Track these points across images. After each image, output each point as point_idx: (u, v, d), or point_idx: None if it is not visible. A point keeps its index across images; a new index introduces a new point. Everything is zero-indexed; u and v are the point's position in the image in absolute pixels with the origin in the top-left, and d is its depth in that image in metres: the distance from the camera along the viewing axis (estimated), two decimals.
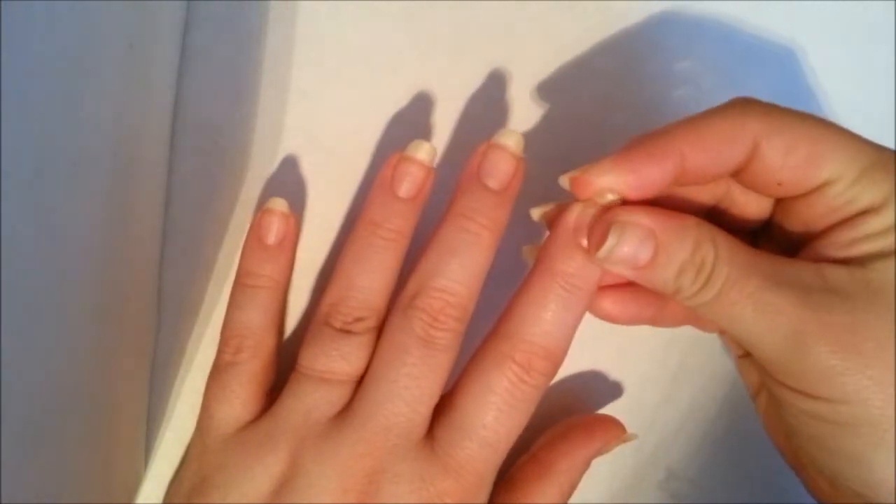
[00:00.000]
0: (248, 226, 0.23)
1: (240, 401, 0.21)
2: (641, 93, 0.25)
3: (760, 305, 0.17)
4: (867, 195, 0.17)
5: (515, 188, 0.21)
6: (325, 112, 0.24)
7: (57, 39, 0.14)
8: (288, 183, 0.24)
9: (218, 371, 0.21)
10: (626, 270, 0.18)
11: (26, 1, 0.13)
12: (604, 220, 0.18)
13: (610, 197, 0.18)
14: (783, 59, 0.26)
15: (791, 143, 0.18)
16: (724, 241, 0.18)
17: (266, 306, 0.22)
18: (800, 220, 0.19)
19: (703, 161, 0.18)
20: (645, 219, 0.18)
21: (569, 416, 0.24)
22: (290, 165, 0.24)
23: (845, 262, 0.17)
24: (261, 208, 0.22)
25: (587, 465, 0.22)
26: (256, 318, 0.21)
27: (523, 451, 0.23)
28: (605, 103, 0.25)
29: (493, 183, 0.20)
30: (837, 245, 0.18)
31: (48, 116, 0.14)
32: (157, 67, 0.21)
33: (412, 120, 0.24)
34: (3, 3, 0.12)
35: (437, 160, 0.24)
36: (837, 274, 0.17)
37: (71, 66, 0.15)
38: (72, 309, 0.17)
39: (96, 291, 0.18)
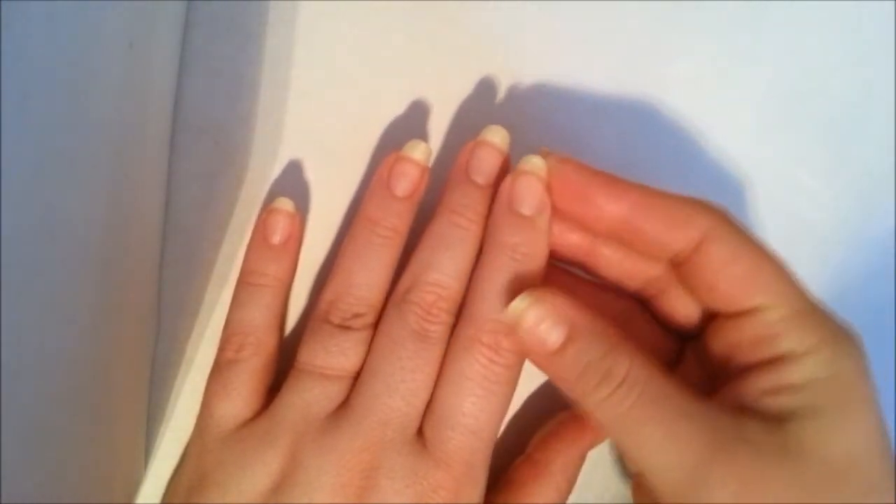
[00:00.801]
0: (248, 226, 0.23)
1: (241, 398, 0.21)
2: (641, 93, 0.25)
3: (672, 433, 0.17)
4: (794, 338, 0.18)
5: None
6: (325, 112, 0.24)
7: (57, 39, 0.14)
8: (288, 183, 0.24)
9: (219, 368, 0.21)
10: (536, 352, 0.18)
11: (26, 1, 0.13)
12: (528, 291, 0.18)
13: (534, 160, 0.20)
14: (783, 60, 0.26)
15: (735, 255, 0.18)
16: (643, 362, 0.18)
17: (269, 305, 0.22)
18: (727, 343, 0.19)
19: (649, 228, 0.19)
20: (566, 304, 0.18)
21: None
22: (290, 165, 0.24)
23: (764, 416, 0.17)
24: (266, 208, 0.22)
25: (582, 459, 0.22)
26: (259, 316, 0.22)
27: (519, 451, 0.23)
28: (604, 103, 0.25)
29: (480, 179, 0.21)
30: (758, 391, 0.18)
31: (48, 116, 0.14)
32: (157, 67, 0.21)
33: (411, 120, 0.24)
34: (2, 3, 0.12)
35: (435, 159, 0.24)
36: (754, 429, 0.17)
37: (71, 66, 0.15)
38: (71, 309, 0.17)
39: (96, 291, 0.18)
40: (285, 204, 0.22)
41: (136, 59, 0.18)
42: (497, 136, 0.21)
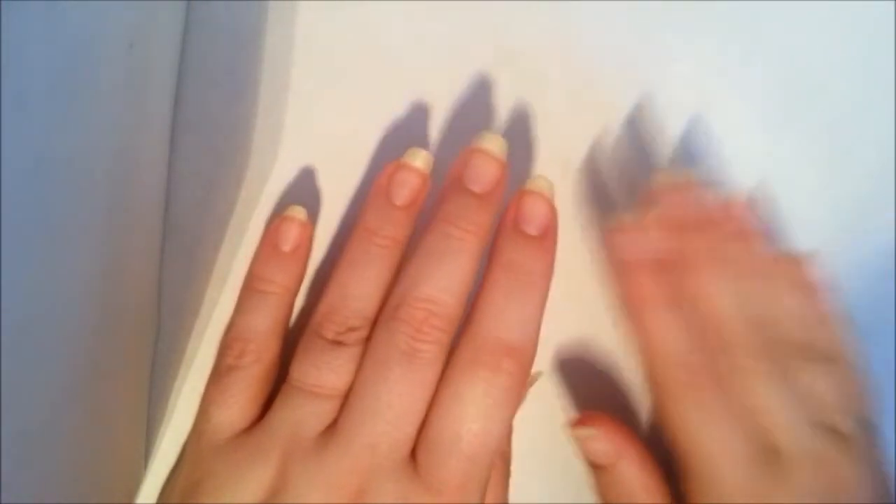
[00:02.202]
0: (248, 226, 0.23)
1: (238, 406, 0.20)
2: (642, 93, 0.25)
3: None
4: None
5: (500, 193, 0.20)
6: (324, 112, 0.24)
7: (57, 39, 0.14)
8: (287, 183, 0.24)
9: (219, 375, 0.21)
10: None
11: (26, 1, 0.13)
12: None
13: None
14: (783, 60, 0.26)
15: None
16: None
17: (273, 313, 0.21)
18: None
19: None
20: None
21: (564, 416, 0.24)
22: (289, 165, 0.24)
23: None
24: (279, 215, 0.22)
25: (510, 431, 0.22)
26: (263, 323, 0.21)
27: None
28: (605, 104, 0.25)
29: (476, 187, 0.20)
30: None
31: (48, 116, 0.14)
32: (157, 67, 0.21)
33: (411, 120, 0.24)
34: (3, 3, 0.12)
35: (435, 162, 0.24)
36: None
37: (71, 66, 0.15)
38: (71, 309, 0.17)
39: (96, 292, 0.18)
40: (298, 212, 0.22)
41: (136, 59, 0.18)
42: (493, 144, 0.20)
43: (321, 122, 0.24)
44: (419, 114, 0.24)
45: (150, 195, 0.22)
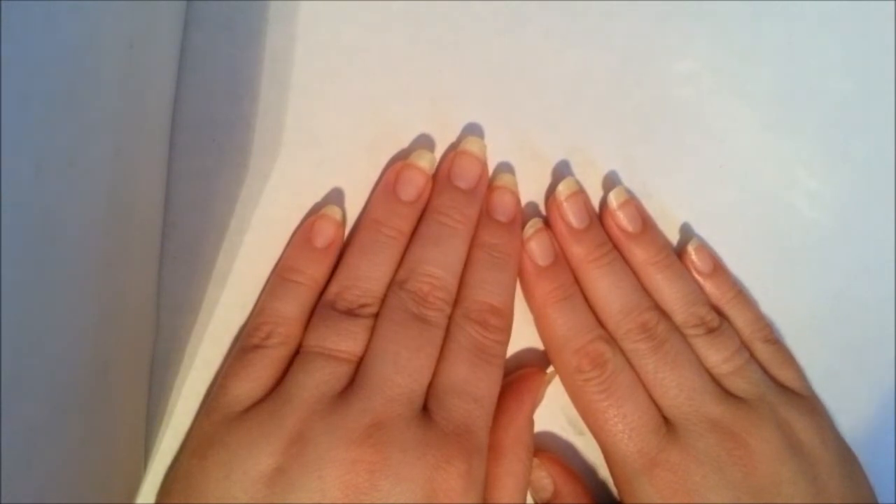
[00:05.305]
0: (247, 225, 0.23)
1: (259, 381, 0.21)
2: (641, 93, 0.25)
3: None
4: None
5: (483, 188, 0.23)
6: (325, 111, 0.24)
7: (57, 39, 0.14)
8: (287, 181, 0.24)
9: (244, 352, 0.21)
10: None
11: (26, 1, 0.13)
12: None
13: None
14: (783, 59, 0.26)
15: None
16: None
17: (302, 303, 0.22)
18: None
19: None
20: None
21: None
22: (289, 164, 0.24)
23: None
24: (316, 212, 0.23)
25: (530, 423, 0.23)
26: (292, 311, 0.22)
27: None
28: (605, 103, 0.25)
29: (462, 183, 0.23)
30: None
31: (48, 116, 0.14)
32: (157, 67, 0.21)
33: (411, 119, 0.24)
34: (2, 3, 0.12)
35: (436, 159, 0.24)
36: None
37: (71, 65, 0.15)
38: (71, 309, 0.17)
39: (96, 291, 0.18)
40: (335, 212, 0.23)
41: (136, 59, 0.18)
42: (475, 146, 0.23)
43: (321, 122, 0.24)
44: (418, 112, 0.24)
45: (149, 194, 0.22)
